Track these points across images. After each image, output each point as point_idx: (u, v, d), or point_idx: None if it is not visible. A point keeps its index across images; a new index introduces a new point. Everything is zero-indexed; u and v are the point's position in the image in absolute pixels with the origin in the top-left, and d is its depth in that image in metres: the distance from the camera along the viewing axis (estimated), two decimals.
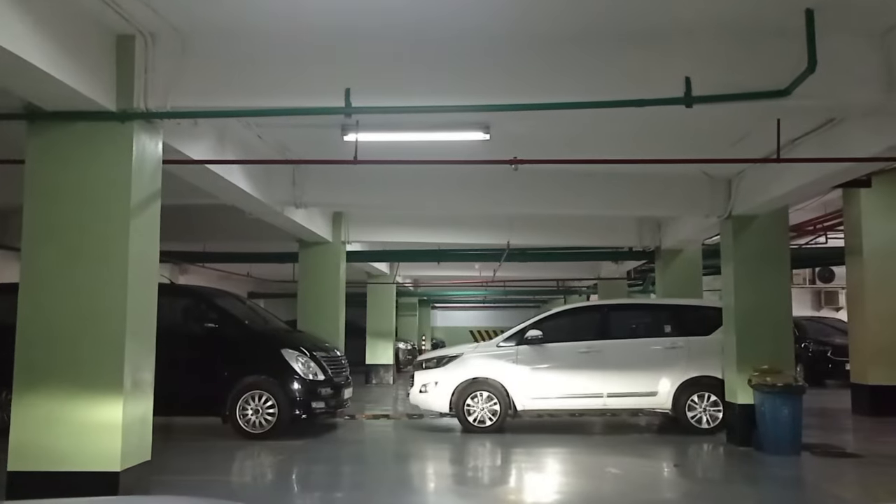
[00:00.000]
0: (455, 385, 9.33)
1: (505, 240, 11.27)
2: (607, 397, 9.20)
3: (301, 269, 11.14)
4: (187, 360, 8.92)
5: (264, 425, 8.72)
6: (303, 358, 9.05)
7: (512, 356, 9.38)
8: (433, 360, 9.72)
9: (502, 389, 9.27)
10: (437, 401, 9.47)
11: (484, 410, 9.27)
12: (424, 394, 9.57)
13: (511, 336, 9.58)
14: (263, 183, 7.60)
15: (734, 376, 8.42)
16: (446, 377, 9.43)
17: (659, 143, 7.07)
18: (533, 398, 9.30)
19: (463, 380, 9.34)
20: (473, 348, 9.75)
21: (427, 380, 9.56)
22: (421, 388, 9.60)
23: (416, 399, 9.75)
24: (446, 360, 9.59)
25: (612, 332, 9.59)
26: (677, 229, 10.94)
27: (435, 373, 9.53)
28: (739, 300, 8.41)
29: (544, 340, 9.40)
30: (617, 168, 8.43)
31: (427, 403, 9.66)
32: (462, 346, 10.11)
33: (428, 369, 9.65)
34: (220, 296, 9.87)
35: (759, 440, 8.02)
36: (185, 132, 5.48)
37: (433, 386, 9.48)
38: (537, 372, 9.31)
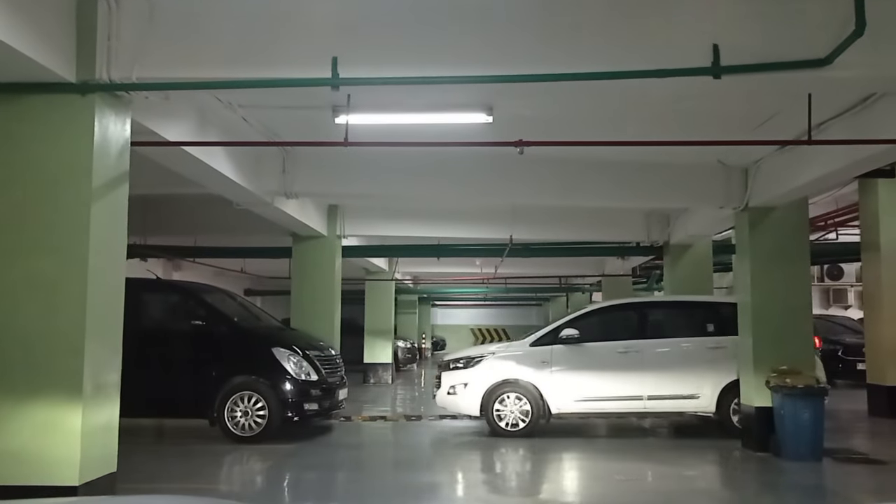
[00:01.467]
0: (485, 387, 8.86)
1: (507, 234, 10.79)
2: (647, 400, 8.72)
3: (295, 264, 10.67)
4: (173, 359, 8.53)
5: (254, 428, 8.28)
6: (295, 357, 8.60)
7: (545, 356, 8.90)
8: (462, 361, 9.22)
9: (535, 391, 8.80)
10: (467, 403, 8.99)
11: (515, 413, 8.80)
12: (453, 396, 9.09)
13: (544, 335, 9.10)
14: (251, 171, 7.13)
15: (750, 377, 7.95)
16: (476, 378, 8.95)
17: (672, 127, 6.59)
18: (568, 401, 8.82)
19: (494, 381, 8.86)
20: (505, 348, 9.28)
21: (456, 381, 9.08)
22: (449, 390, 9.12)
23: (444, 401, 9.26)
24: (476, 360, 9.11)
25: (651, 330, 9.11)
26: (688, 223, 10.46)
27: (464, 374, 9.06)
28: (756, 297, 7.94)
29: (580, 340, 8.92)
30: (626, 157, 7.99)
31: (455, 406, 9.18)
32: (490, 346, 9.64)
33: (456, 370, 9.16)
34: (208, 292, 9.41)
35: (778, 445, 7.56)
36: (160, 111, 5.01)
37: (462, 388, 9.00)
38: (572, 373, 8.84)
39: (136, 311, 8.79)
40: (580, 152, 7.87)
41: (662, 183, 8.24)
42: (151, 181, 7.69)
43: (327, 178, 7.72)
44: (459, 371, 9.11)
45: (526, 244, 12.04)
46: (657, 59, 3.97)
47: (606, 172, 8.12)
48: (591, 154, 7.91)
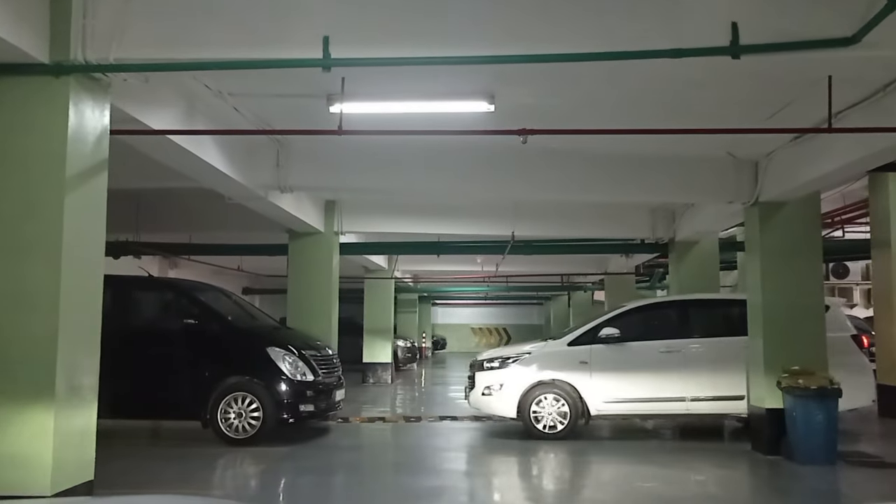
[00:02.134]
0: (522, 388, 8.57)
1: (509, 230, 10.52)
2: (690, 401, 8.41)
3: (291, 261, 10.41)
4: (164, 358, 8.26)
5: (248, 430, 8.01)
6: (290, 357, 8.33)
7: (584, 356, 8.61)
8: (496, 361, 8.91)
9: (574, 392, 8.52)
10: (502, 404, 8.69)
11: (553, 415, 8.52)
12: (488, 397, 8.79)
13: (582, 335, 8.79)
14: (244, 164, 6.86)
15: (760, 378, 7.68)
16: (512, 379, 8.66)
17: (683, 117, 6.32)
18: (607, 402, 8.53)
19: (531, 382, 8.58)
20: (541, 347, 8.97)
21: (491, 381, 8.77)
22: (484, 391, 8.81)
23: (478, 402, 8.96)
24: (511, 360, 8.81)
25: (694, 329, 8.78)
26: (694, 219, 10.19)
27: (499, 374, 8.76)
28: (767, 295, 7.67)
29: (620, 339, 8.64)
30: (632, 151, 7.72)
31: (490, 407, 8.89)
32: (524, 345, 9.34)
33: (491, 370, 8.85)
34: (202, 290, 9.14)
35: (790, 448, 7.30)
36: (144, 99, 4.75)
37: (498, 388, 8.71)
38: (612, 373, 8.55)
39: (127, 309, 8.59)
40: (584, 146, 7.61)
41: (669, 177, 7.97)
42: (143, 175, 7.46)
43: (323, 171, 7.45)
44: (494, 371, 8.81)
45: (528, 241, 11.78)
46: (672, 37, 3.70)
47: (611, 167, 7.85)
48: (596, 148, 7.65)
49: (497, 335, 37.75)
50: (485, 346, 37.38)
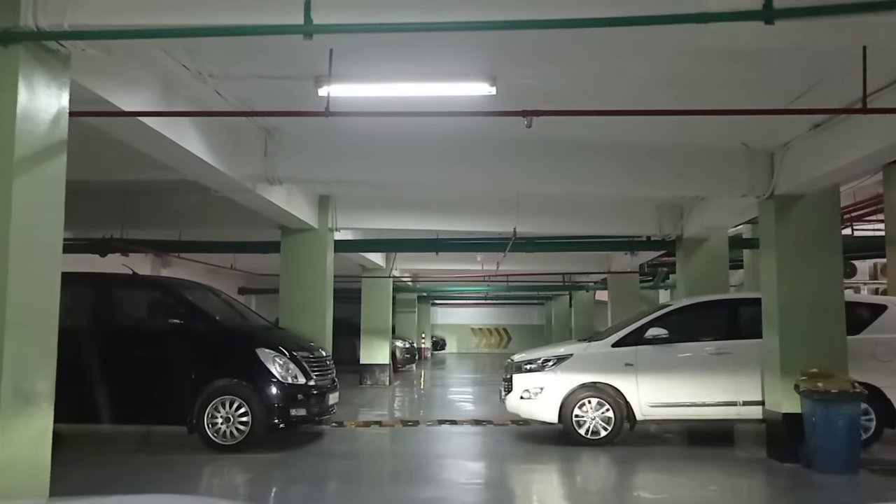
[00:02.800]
0: (564, 391, 8.15)
1: (510, 227, 10.11)
2: (742, 406, 7.96)
3: (283, 259, 10.00)
4: (148, 360, 7.87)
5: (236, 435, 7.61)
6: (281, 359, 7.93)
7: (629, 358, 8.18)
8: (536, 362, 8.46)
9: (618, 396, 8.11)
10: (543, 409, 8.26)
11: (596, 420, 8.10)
12: (528, 401, 8.35)
13: (627, 335, 8.35)
14: (229, 153, 6.45)
15: (777, 381, 7.28)
16: (554, 382, 8.23)
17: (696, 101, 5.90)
18: (654, 406, 8.10)
19: (573, 385, 8.16)
20: (583, 348, 8.52)
21: (530, 385, 8.34)
22: (523, 394, 8.37)
23: (516, 406, 8.51)
24: (553, 361, 8.38)
25: (745, 330, 8.26)
26: (703, 214, 9.77)
27: (539, 377, 8.33)
28: (783, 293, 7.26)
29: (667, 340, 8.20)
30: (641, 140, 7.31)
31: (530, 412, 8.46)
32: (565, 345, 8.93)
33: (530, 372, 8.42)
34: (188, 288, 8.73)
35: (809, 456, 6.88)
36: (113, 76, 4.34)
37: (538, 392, 8.28)
38: (659, 376, 8.13)
39: (109, 308, 8.19)
40: (590, 137, 7.21)
41: (680, 168, 7.56)
42: (125, 166, 7.08)
43: (314, 162, 7.04)
44: (534, 374, 8.38)
45: (530, 238, 11.37)
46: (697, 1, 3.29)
47: (618, 158, 7.44)
48: (603, 138, 7.25)
49: (497, 336, 37.36)
50: (485, 346, 37.11)
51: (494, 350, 36.83)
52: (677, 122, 6.73)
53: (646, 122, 6.80)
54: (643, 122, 6.82)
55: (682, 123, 6.75)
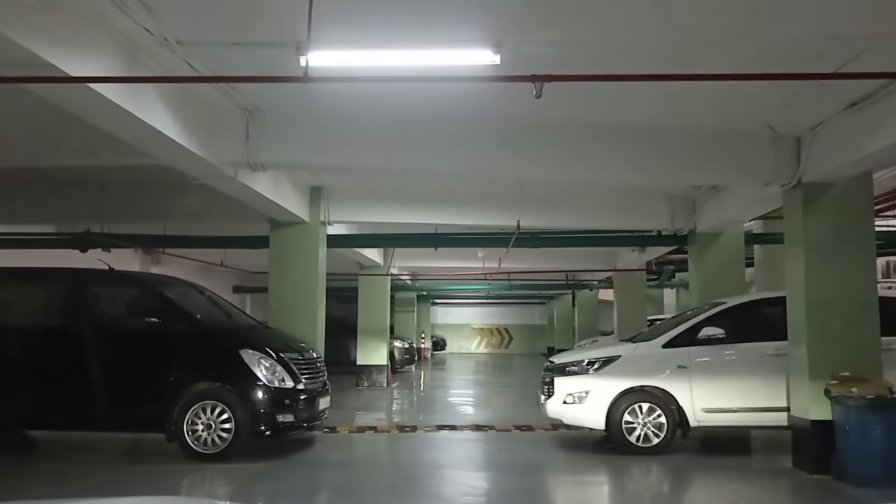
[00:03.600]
0: (612, 395, 7.54)
1: (513, 220, 9.52)
2: None
3: (272, 254, 9.41)
4: (122, 362, 7.30)
5: (218, 443, 7.05)
6: (267, 361, 7.36)
7: (682, 359, 7.57)
8: (580, 364, 7.87)
9: (670, 400, 7.52)
10: (589, 414, 7.66)
11: (647, 426, 7.50)
12: (572, 406, 7.73)
13: (679, 335, 7.74)
14: (205, 135, 5.87)
15: (804, 385, 6.69)
16: (601, 385, 7.62)
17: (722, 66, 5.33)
18: (709, 411, 7.50)
19: (621, 389, 7.56)
20: (632, 349, 7.91)
21: (574, 388, 7.73)
22: (566, 399, 7.76)
23: (559, 411, 7.89)
24: (598, 363, 7.78)
25: None
26: (719, 206, 9.18)
27: (584, 380, 7.73)
28: (811, 291, 6.68)
29: (723, 340, 7.61)
30: (656, 124, 6.73)
31: (575, 417, 7.85)
32: (612, 346, 8.30)
33: (574, 375, 7.82)
34: (167, 285, 8.15)
35: (841, 467, 6.29)
36: (61, 38, 3.77)
37: (583, 396, 7.67)
38: (715, 379, 7.55)
39: (80, 306, 7.61)
40: (601, 118, 6.63)
41: (699, 155, 6.97)
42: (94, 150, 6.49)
43: (300, 146, 6.44)
44: (578, 377, 7.79)
45: (534, 233, 10.77)
46: None
47: (632, 142, 6.85)
48: (615, 120, 6.66)
49: (499, 336, 36.82)
50: (486, 346, 36.53)
51: (495, 350, 36.29)
52: (699, 102, 6.19)
53: (662, 103, 6.27)
54: (659, 103, 6.28)
55: (704, 102, 6.19)
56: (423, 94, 5.90)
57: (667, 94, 6.07)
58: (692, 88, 5.85)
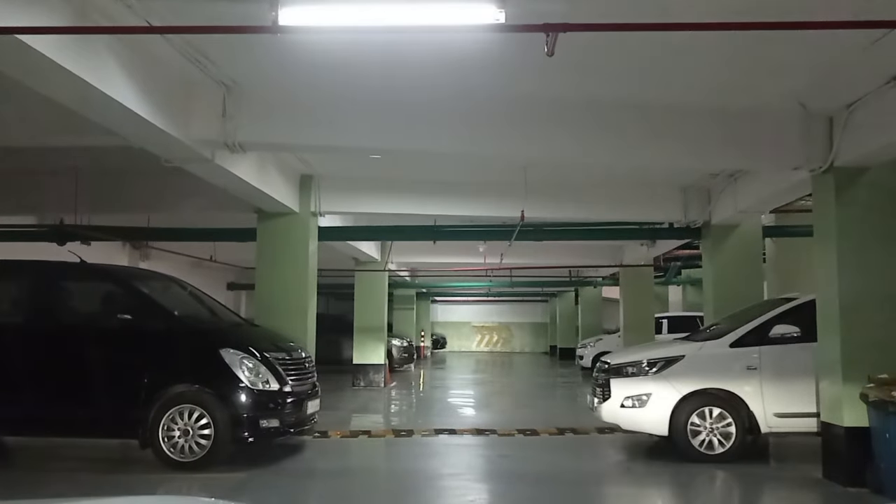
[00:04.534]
0: (675, 399, 6.97)
1: (516, 211, 8.91)
2: None
3: (259, 247, 8.82)
4: (91, 363, 6.72)
5: (196, 451, 6.50)
6: (250, 361, 6.78)
7: (751, 360, 6.98)
8: (639, 365, 7.27)
9: (739, 404, 6.93)
10: (651, 419, 7.10)
11: (714, 432, 6.91)
12: (631, 409, 7.15)
13: (748, 333, 7.12)
14: (176, 110, 5.28)
15: (837, 388, 6.09)
16: (663, 388, 7.04)
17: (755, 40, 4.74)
18: (781, 416, 6.93)
19: (687, 391, 6.97)
20: (696, 348, 7.29)
21: (633, 391, 7.17)
22: (624, 402, 7.19)
23: (616, 415, 7.34)
24: (660, 364, 7.17)
25: None
26: (737, 196, 8.56)
27: (645, 382, 7.15)
28: (845, 286, 6.07)
29: (798, 339, 6.99)
30: (673, 100, 6.15)
31: (634, 422, 7.28)
32: (672, 346, 7.68)
33: (632, 377, 7.24)
34: (143, 278, 7.58)
35: (879, 479, 5.69)
36: None
37: (644, 399, 7.09)
38: (789, 381, 6.96)
39: (48, 302, 7.03)
40: (614, 94, 6.02)
41: (718, 135, 6.35)
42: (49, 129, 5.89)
43: (282, 125, 5.83)
44: (637, 378, 7.21)
45: (538, 225, 10.18)
46: None
47: (646, 120, 6.25)
48: (628, 96, 6.06)
49: (500, 334, 36.26)
50: (487, 345, 35.95)
51: (496, 349, 35.74)
52: (723, 76, 5.59)
53: (682, 79, 5.67)
54: (679, 79, 5.68)
55: (728, 76, 5.60)
56: (416, 68, 5.32)
57: (687, 69, 5.50)
58: (715, 61, 5.29)
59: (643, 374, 7.22)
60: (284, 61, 5.16)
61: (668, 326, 18.12)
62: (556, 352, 28.64)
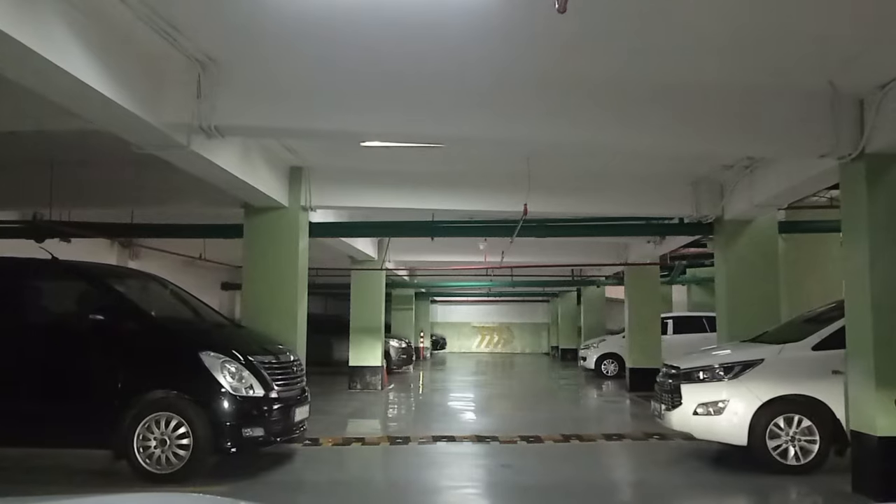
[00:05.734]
0: (756, 405, 6.45)
1: (518, 205, 8.42)
2: None
3: (246, 243, 8.33)
4: (62, 366, 6.23)
5: (174, 462, 6.03)
6: (232, 365, 6.30)
7: (837, 363, 6.36)
8: (712, 370, 6.74)
9: (825, 412, 6.39)
10: (728, 427, 6.55)
11: (796, 441, 6.39)
12: (706, 417, 6.64)
13: (832, 335, 6.53)
14: (144, 89, 4.79)
15: (869, 395, 5.60)
16: (742, 394, 6.52)
17: None
18: None
19: (768, 397, 6.44)
20: (777, 352, 6.71)
21: (708, 397, 6.66)
22: (698, 409, 6.69)
23: (688, 423, 6.81)
24: (737, 368, 6.63)
25: None
26: (753, 189, 8.06)
27: (720, 388, 6.61)
28: (877, 284, 5.59)
29: None
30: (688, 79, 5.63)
31: (709, 430, 6.74)
32: (748, 348, 7.10)
33: (706, 381, 6.71)
34: (120, 276, 7.12)
35: None
36: None
37: (721, 406, 6.56)
38: None
39: (14, 301, 6.53)
40: (629, 73, 5.52)
41: (741, 118, 5.87)
42: None
43: (264, 106, 5.30)
44: (712, 384, 6.68)
45: (541, 221, 9.68)
46: None
47: (660, 101, 5.74)
48: (641, 75, 5.55)
49: (500, 334, 35.78)
50: (487, 345, 35.44)
51: (497, 349, 35.26)
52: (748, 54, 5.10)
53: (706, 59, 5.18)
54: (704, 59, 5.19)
55: (754, 54, 5.10)
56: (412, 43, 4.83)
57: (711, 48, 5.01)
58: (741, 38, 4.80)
59: (718, 379, 6.66)
60: (265, 33, 4.68)
61: (674, 327, 17.65)
62: (557, 353, 28.16)
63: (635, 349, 14.31)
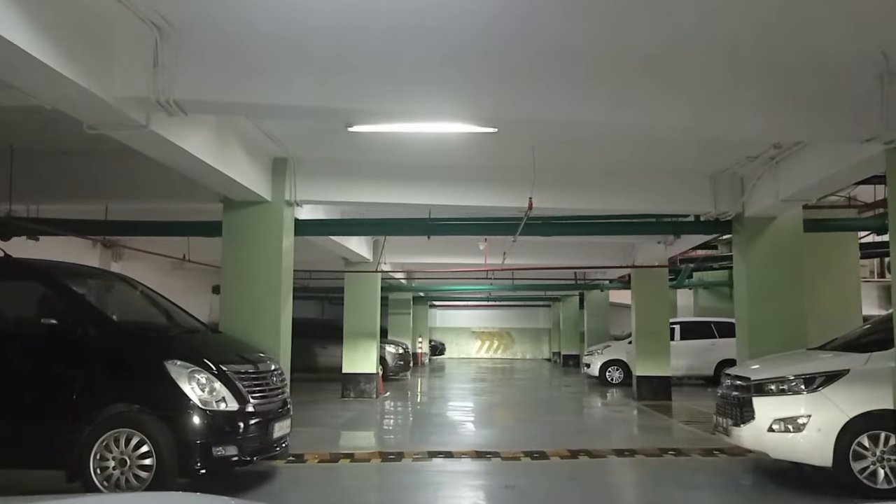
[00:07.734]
0: (843, 421, 5.71)
1: (521, 201, 7.72)
2: None
3: (225, 241, 7.66)
4: (7, 376, 5.54)
5: (134, 484, 5.36)
6: (202, 375, 5.62)
7: None
8: (788, 382, 6.03)
9: None
10: (810, 447, 5.81)
11: (885, 462, 5.63)
12: (784, 434, 5.91)
13: None
14: (91, 57, 4.11)
15: None
16: (826, 409, 5.80)
17: None
18: None
19: (856, 413, 5.73)
20: (863, 362, 5.92)
21: (786, 412, 5.93)
22: (774, 426, 5.97)
23: (762, 441, 6.10)
24: (819, 380, 5.90)
25: None
26: (780, 181, 7.36)
27: (800, 401, 5.89)
28: None
29: None
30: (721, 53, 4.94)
31: (787, 449, 5.98)
32: (829, 358, 6.32)
33: (783, 395, 6.01)
34: (80, 276, 6.41)
35: None
36: None
37: (802, 422, 5.81)
38: None
39: None
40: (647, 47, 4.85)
41: (774, 99, 5.18)
42: None
43: (231, 79, 4.59)
44: (789, 397, 5.94)
45: (546, 218, 8.98)
46: None
47: (682, 77, 5.07)
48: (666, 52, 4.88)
49: (500, 340, 35.09)
50: (487, 351, 34.72)
51: (497, 355, 34.56)
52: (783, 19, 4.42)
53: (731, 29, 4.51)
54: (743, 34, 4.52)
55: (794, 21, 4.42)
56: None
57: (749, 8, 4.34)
58: None
59: (796, 391, 5.92)
60: None
61: (681, 333, 17.00)
62: (559, 359, 27.46)
63: (643, 356, 13.61)
